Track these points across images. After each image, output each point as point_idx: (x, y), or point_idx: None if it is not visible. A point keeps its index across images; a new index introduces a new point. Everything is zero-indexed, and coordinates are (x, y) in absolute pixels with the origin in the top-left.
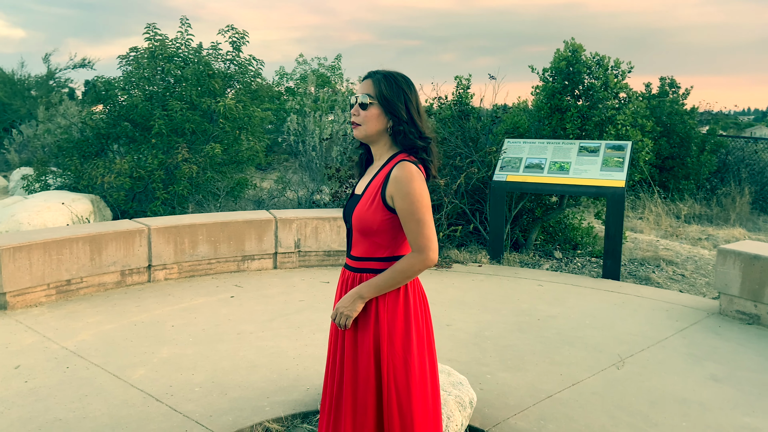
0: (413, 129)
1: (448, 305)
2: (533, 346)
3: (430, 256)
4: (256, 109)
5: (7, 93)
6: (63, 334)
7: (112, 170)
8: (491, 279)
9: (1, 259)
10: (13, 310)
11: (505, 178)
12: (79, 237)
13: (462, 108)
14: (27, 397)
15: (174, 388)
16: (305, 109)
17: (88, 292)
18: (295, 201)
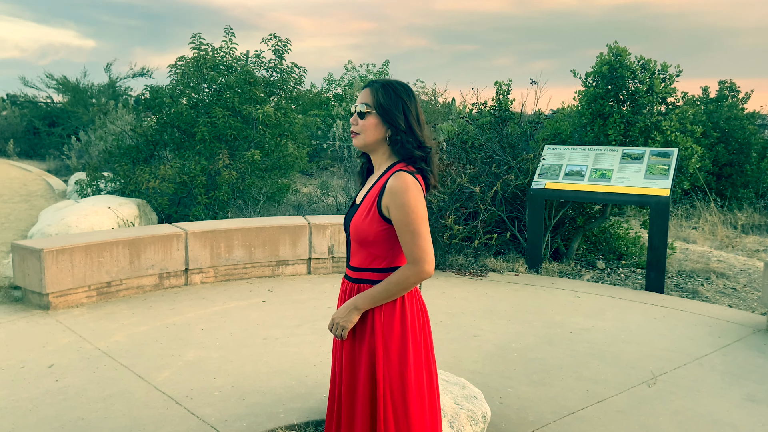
0: (411, 138)
1: (478, 315)
2: (561, 359)
3: (425, 268)
4: (296, 115)
5: (71, 101)
6: (98, 334)
7: (157, 175)
8: (526, 289)
9: (45, 261)
10: (55, 310)
11: (544, 185)
12: (119, 240)
13: (500, 113)
14: (55, 395)
15: (194, 392)
16: None
17: (127, 294)
18: (334, 207)
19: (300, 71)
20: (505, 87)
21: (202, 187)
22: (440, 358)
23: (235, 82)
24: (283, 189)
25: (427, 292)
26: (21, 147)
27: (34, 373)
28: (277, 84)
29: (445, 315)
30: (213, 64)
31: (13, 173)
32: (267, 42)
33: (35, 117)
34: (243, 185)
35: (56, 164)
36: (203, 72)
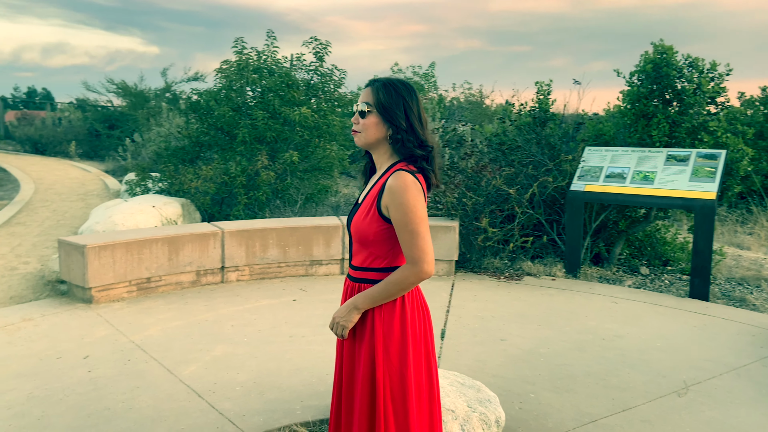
0: (412, 137)
1: (508, 319)
2: (590, 366)
3: (424, 268)
4: (335, 117)
5: (130, 104)
6: (134, 328)
7: (200, 176)
8: (562, 294)
9: (88, 256)
10: (97, 304)
11: (584, 187)
12: (159, 238)
13: (539, 114)
14: (86, 385)
15: (217, 386)
16: None
17: (166, 290)
18: None
19: (340, 73)
20: (545, 87)
21: (242, 188)
22: (463, 361)
23: (274, 85)
24: (322, 190)
25: (458, 295)
26: (83, 148)
27: (69, 364)
28: (317, 86)
29: (474, 318)
30: (255, 68)
31: (73, 173)
32: (308, 45)
33: (96, 120)
34: (282, 186)
35: (114, 165)
36: (245, 75)
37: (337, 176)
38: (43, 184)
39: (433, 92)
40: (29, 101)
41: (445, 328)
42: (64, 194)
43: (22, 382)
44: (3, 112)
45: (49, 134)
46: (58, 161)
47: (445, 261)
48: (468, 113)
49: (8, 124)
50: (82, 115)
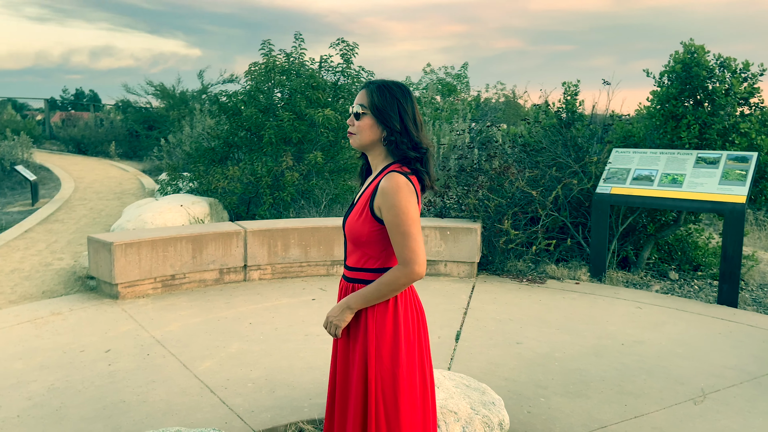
0: (406, 139)
1: (526, 322)
2: (605, 372)
3: (415, 269)
4: None
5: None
6: (156, 323)
7: (227, 176)
8: (584, 298)
9: (114, 253)
10: (123, 299)
11: (609, 190)
12: (183, 236)
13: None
14: (105, 378)
15: (230, 382)
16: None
17: (190, 288)
18: None
19: (368, 75)
20: (572, 88)
21: (267, 188)
22: (476, 363)
23: (299, 86)
24: (348, 190)
25: (478, 297)
26: (122, 149)
27: (91, 357)
28: (343, 87)
29: (492, 321)
30: (282, 70)
31: (112, 173)
32: (335, 46)
33: (136, 121)
34: (307, 186)
35: (150, 165)
36: (271, 77)
37: None
38: (82, 183)
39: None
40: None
41: (460, 330)
42: (101, 193)
43: (45, 374)
44: (49, 114)
45: (91, 135)
46: (99, 161)
47: (467, 263)
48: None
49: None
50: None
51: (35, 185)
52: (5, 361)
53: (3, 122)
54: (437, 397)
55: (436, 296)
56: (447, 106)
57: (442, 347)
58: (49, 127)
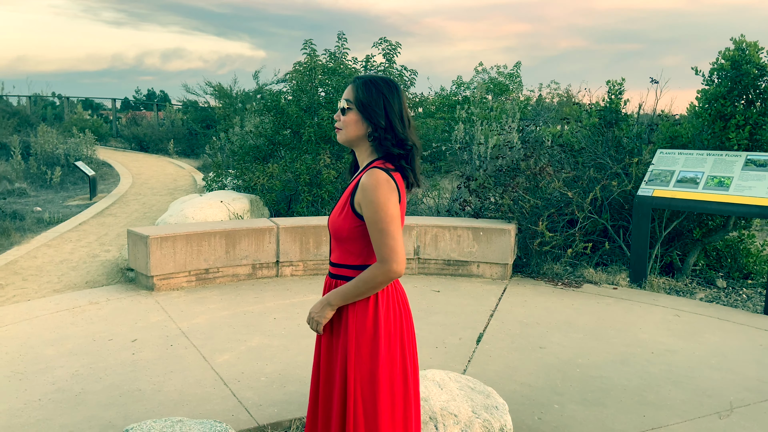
0: (390, 135)
1: (553, 327)
2: (629, 380)
3: (392, 267)
4: None
5: (224, 105)
6: (184, 316)
7: (267, 173)
8: (620, 303)
9: (150, 246)
10: (158, 291)
11: (652, 192)
12: (217, 231)
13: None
14: (126, 367)
15: (244, 375)
16: (473, 118)
17: (223, 282)
18: (434, 208)
19: (411, 74)
20: (617, 86)
21: (305, 185)
22: (492, 366)
23: (339, 86)
24: None
25: (507, 299)
26: (181, 146)
27: (118, 346)
28: None
29: (517, 324)
30: (324, 69)
31: (168, 169)
32: (378, 46)
33: (195, 120)
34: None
35: (205, 162)
36: (313, 77)
37: None
38: (139, 179)
39: (518, 93)
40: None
41: (483, 332)
42: (156, 188)
43: (72, 360)
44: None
45: (152, 133)
46: (158, 158)
47: (499, 264)
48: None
49: (118, 124)
50: (183, 115)
51: (93, 180)
52: (38, 346)
53: (73, 121)
54: (439, 398)
55: (465, 297)
56: (497, 106)
57: (461, 349)
58: (116, 125)
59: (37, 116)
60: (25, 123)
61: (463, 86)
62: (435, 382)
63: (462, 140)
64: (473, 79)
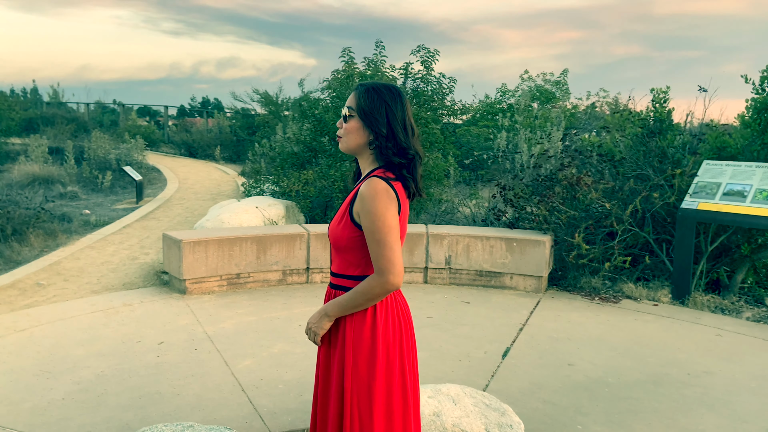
0: (391, 144)
1: (584, 343)
2: (660, 403)
3: (389, 279)
4: (434, 126)
5: (270, 113)
6: (212, 320)
7: (302, 180)
8: (659, 321)
9: (183, 250)
10: (190, 295)
11: (696, 206)
12: (248, 237)
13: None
14: (150, 369)
15: (263, 382)
16: (516, 126)
17: (254, 287)
18: (470, 218)
19: (449, 81)
20: (661, 95)
21: (340, 192)
22: (516, 383)
23: None
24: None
25: (539, 313)
26: (227, 152)
27: (144, 348)
28: (420, 94)
29: (547, 339)
30: (361, 76)
31: (214, 175)
32: (416, 53)
33: (241, 127)
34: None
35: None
36: (350, 84)
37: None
38: (185, 184)
39: (564, 101)
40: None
41: (510, 346)
42: (200, 193)
43: (99, 361)
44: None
45: (200, 139)
46: (205, 164)
47: (533, 277)
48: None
49: (168, 131)
50: (230, 122)
51: (140, 185)
52: (69, 346)
53: (126, 127)
54: (452, 414)
55: (495, 310)
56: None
57: (485, 363)
58: (167, 131)
59: (94, 122)
60: (82, 129)
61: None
62: (449, 397)
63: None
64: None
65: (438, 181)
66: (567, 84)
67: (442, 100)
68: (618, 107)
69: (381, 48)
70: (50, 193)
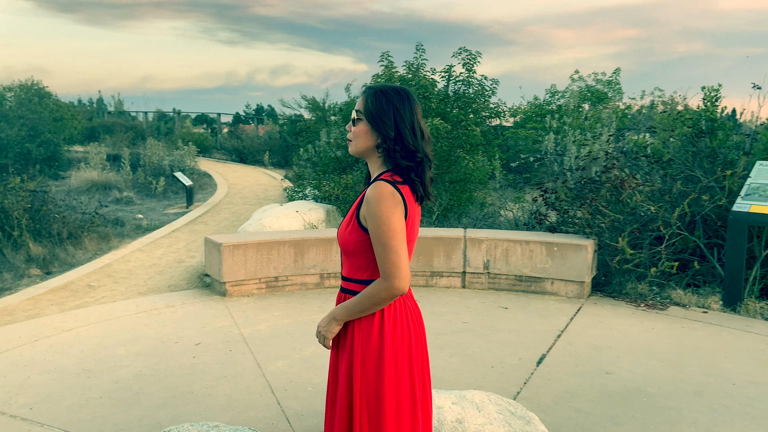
0: (399, 147)
1: (625, 352)
2: (700, 414)
3: (394, 283)
4: (474, 127)
5: (317, 118)
6: (248, 322)
7: (340, 184)
8: (707, 329)
9: (223, 254)
10: (229, 297)
11: (749, 208)
12: (286, 240)
13: (698, 123)
14: (184, 369)
15: (292, 384)
16: (564, 128)
17: (291, 290)
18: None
19: (492, 83)
20: (713, 93)
21: None
22: (549, 390)
23: None
24: (464, 201)
25: (580, 320)
26: (276, 158)
27: (182, 349)
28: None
29: (586, 347)
30: (401, 80)
31: (262, 180)
32: (457, 56)
33: (289, 132)
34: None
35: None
36: None
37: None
38: (234, 189)
39: (617, 101)
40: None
41: (546, 353)
42: (247, 198)
43: (137, 361)
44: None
45: (250, 145)
46: (254, 169)
47: (575, 282)
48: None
49: (220, 137)
50: (279, 128)
51: (190, 190)
52: (111, 346)
53: (181, 134)
54: (475, 421)
55: (534, 315)
56: (592, 115)
57: (518, 370)
58: (219, 138)
59: (152, 130)
60: (139, 137)
61: (558, 95)
62: (474, 404)
63: (551, 151)
64: (568, 87)
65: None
66: (619, 83)
67: (484, 102)
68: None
69: (421, 51)
70: (107, 198)
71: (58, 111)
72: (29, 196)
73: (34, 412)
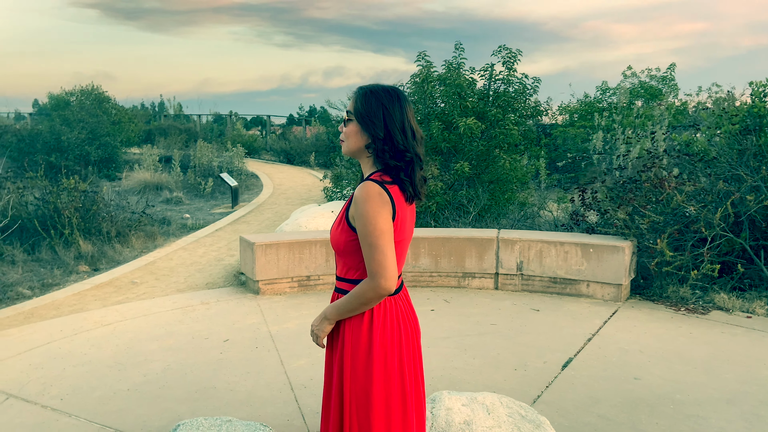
0: (387, 146)
1: (657, 357)
2: (729, 423)
3: (381, 283)
4: (512, 126)
5: None
6: (278, 319)
7: None
8: (749, 334)
9: (256, 253)
10: (263, 295)
11: None
12: (317, 240)
13: (745, 120)
14: (210, 365)
15: (312, 382)
16: (614, 126)
17: (323, 289)
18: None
19: (533, 81)
20: (761, 88)
21: None
22: (571, 395)
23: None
24: (503, 202)
25: (614, 323)
26: (322, 159)
27: (211, 344)
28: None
29: (617, 351)
30: (439, 80)
31: (307, 180)
32: (497, 54)
33: (335, 134)
34: (453, 197)
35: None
36: (425, 88)
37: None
38: (279, 189)
39: (672, 98)
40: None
41: (574, 357)
42: (291, 198)
43: (167, 355)
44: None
45: (297, 146)
46: (300, 170)
47: (611, 285)
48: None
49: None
50: (325, 129)
51: (236, 190)
52: (145, 341)
53: (232, 136)
54: (483, 424)
55: (565, 318)
56: (644, 113)
57: (542, 373)
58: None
59: (204, 132)
60: (193, 139)
61: (609, 92)
62: (484, 407)
63: (600, 150)
64: (620, 84)
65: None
66: (674, 79)
67: (525, 101)
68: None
69: (460, 50)
70: (158, 198)
71: (117, 115)
72: (81, 196)
73: (64, 402)
